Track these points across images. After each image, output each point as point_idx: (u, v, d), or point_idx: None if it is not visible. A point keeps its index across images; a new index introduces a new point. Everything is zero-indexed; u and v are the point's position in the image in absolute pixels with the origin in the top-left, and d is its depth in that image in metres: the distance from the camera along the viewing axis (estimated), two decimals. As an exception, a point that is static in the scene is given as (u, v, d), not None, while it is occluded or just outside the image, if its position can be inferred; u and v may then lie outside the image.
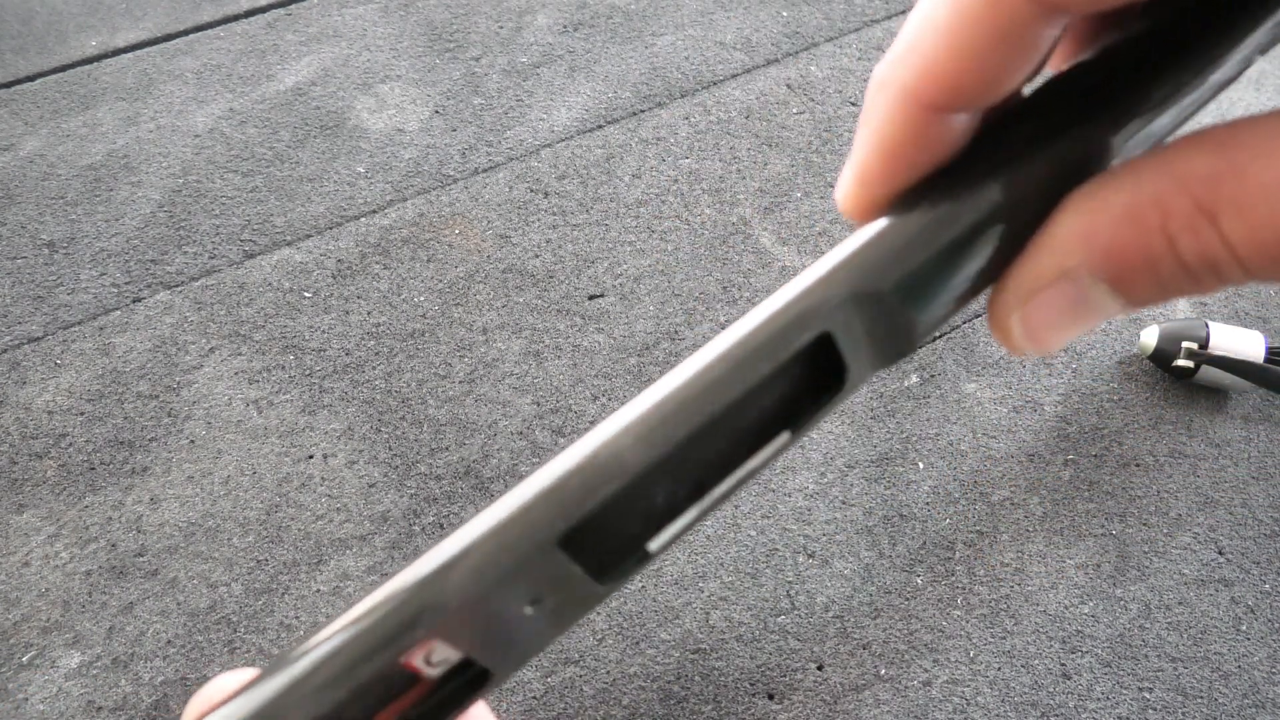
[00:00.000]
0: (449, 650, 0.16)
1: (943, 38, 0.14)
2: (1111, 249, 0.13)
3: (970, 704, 1.10)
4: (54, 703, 1.09)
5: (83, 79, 1.82)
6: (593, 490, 0.16)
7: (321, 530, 1.23)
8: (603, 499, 0.16)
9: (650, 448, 0.16)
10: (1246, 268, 0.12)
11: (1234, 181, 0.12)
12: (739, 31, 1.91)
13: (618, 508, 0.16)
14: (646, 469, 0.16)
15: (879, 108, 0.15)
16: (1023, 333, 0.15)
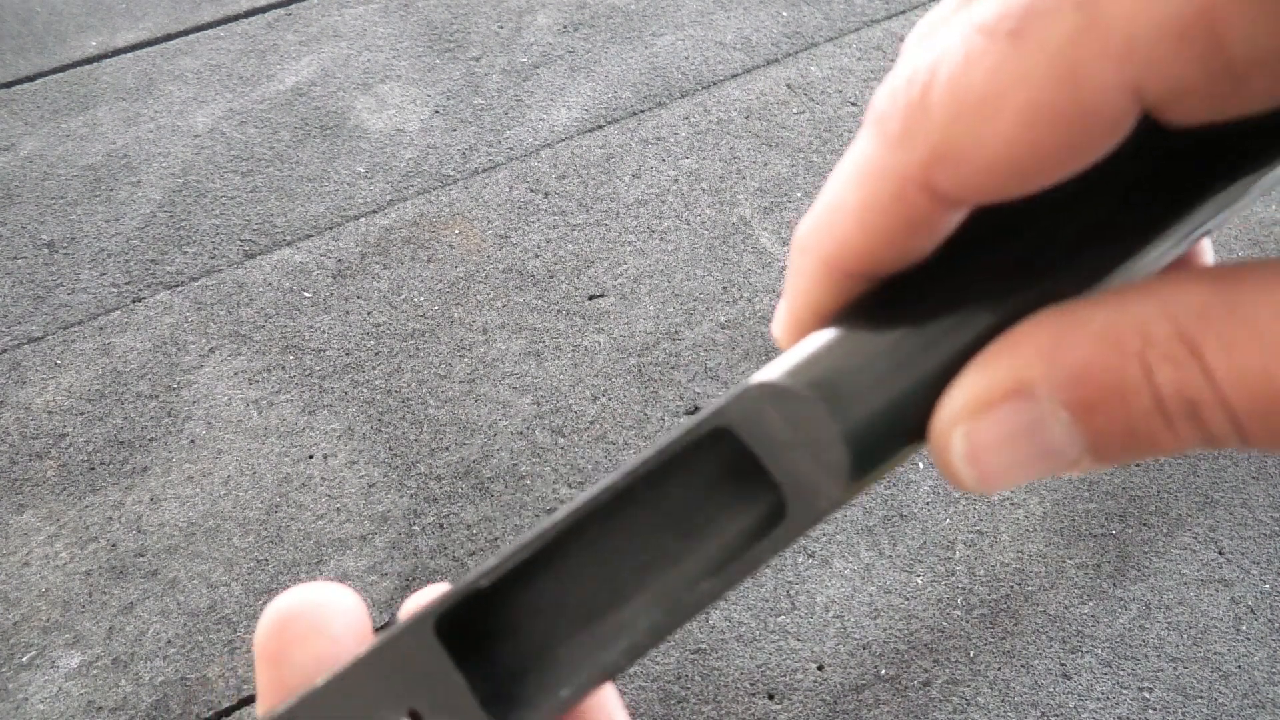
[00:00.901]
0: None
1: (853, 218, 0.14)
2: (1079, 368, 0.12)
3: (970, 704, 1.10)
4: (54, 703, 1.09)
5: (83, 79, 1.82)
6: (467, 579, 0.15)
7: (321, 530, 1.23)
8: (472, 584, 0.15)
9: (527, 541, 0.15)
10: (1230, 413, 0.11)
11: (1225, 316, 0.11)
12: (739, 31, 1.91)
13: (521, 629, 0.16)
14: (526, 558, 0.15)
15: (802, 271, 0.16)
16: (965, 453, 0.13)
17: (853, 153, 0.14)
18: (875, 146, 0.13)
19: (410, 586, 1.18)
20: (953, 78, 0.11)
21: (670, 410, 1.34)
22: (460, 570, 1.19)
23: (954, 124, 0.12)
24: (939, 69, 0.12)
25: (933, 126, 0.12)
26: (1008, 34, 0.11)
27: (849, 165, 0.14)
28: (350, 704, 0.15)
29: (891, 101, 0.13)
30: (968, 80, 0.11)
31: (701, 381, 1.36)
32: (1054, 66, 0.11)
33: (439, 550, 1.21)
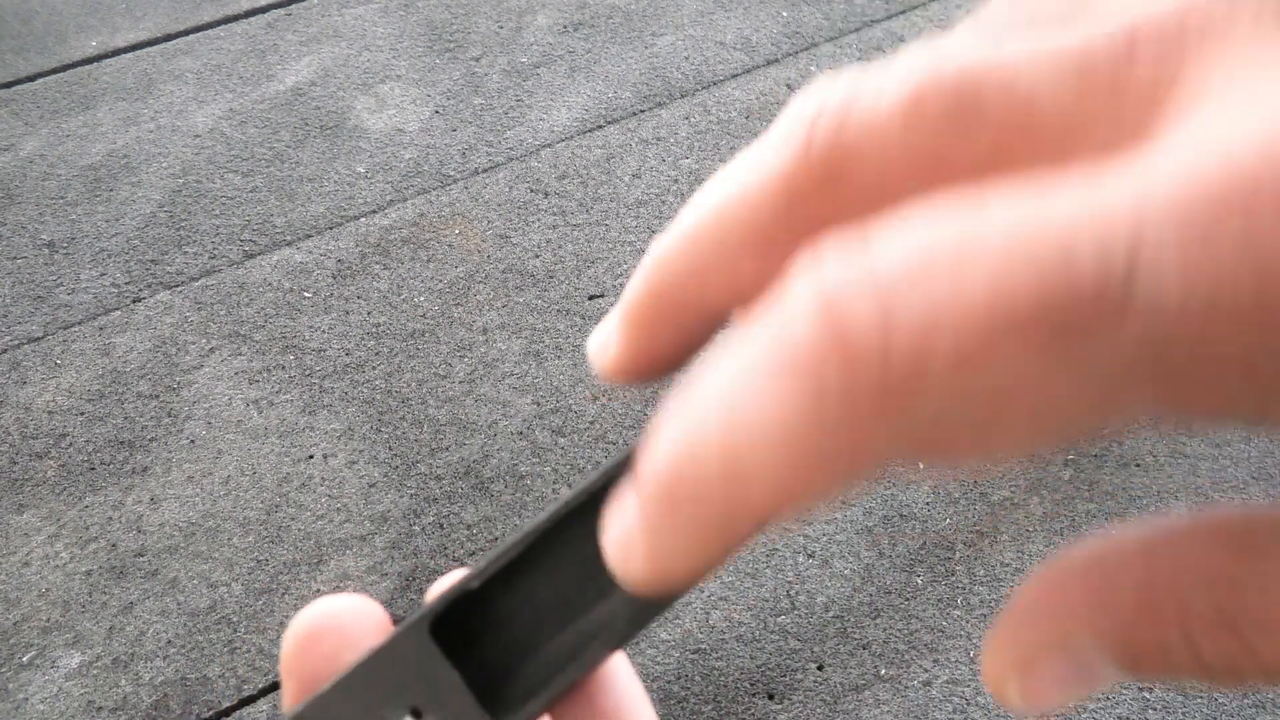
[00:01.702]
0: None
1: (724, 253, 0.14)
2: (1123, 629, 0.12)
3: (970, 704, 1.10)
4: (54, 703, 1.09)
5: (83, 79, 1.82)
6: (455, 584, 0.16)
7: (321, 530, 1.23)
8: (463, 586, 0.16)
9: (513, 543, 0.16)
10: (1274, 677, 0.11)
11: (1259, 594, 0.11)
12: (739, 31, 1.91)
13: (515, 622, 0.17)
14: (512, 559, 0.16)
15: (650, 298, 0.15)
16: (1023, 702, 0.13)
17: (749, 168, 0.13)
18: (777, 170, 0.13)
19: (410, 586, 1.18)
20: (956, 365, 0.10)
21: (670, 410, 1.34)
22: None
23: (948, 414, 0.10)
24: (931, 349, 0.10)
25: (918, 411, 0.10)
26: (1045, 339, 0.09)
27: (747, 175, 0.13)
28: (355, 705, 0.16)
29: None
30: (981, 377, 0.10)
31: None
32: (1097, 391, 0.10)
33: (439, 550, 1.21)
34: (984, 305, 0.09)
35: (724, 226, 0.13)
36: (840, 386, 0.10)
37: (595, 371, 0.16)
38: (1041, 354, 0.09)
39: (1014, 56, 0.11)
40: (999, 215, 0.10)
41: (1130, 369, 0.09)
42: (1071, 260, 0.09)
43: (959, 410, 0.10)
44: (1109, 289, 0.09)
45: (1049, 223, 0.09)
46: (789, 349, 0.10)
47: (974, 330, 0.09)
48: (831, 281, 0.10)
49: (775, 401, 0.10)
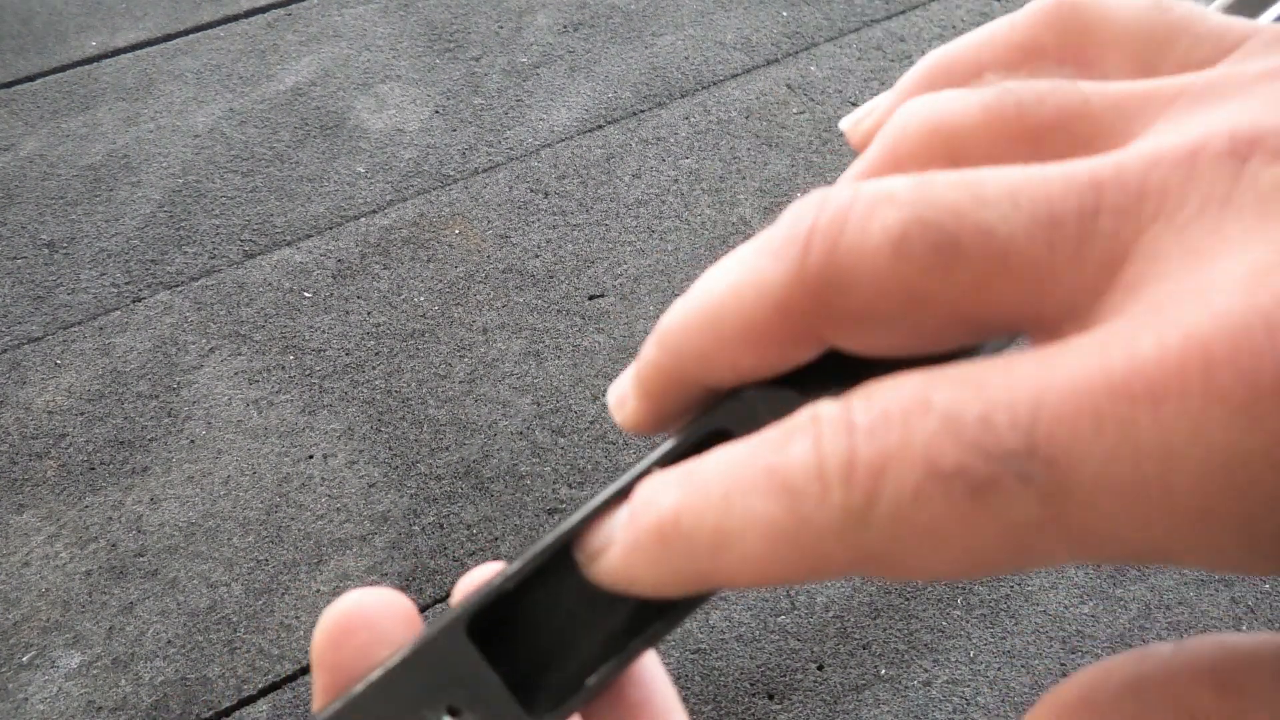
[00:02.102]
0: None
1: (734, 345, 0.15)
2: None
3: (970, 704, 1.10)
4: (54, 703, 1.09)
5: (83, 79, 1.82)
6: (490, 583, 0.16)
7: (321, 530, 1.23)
8: (499, 586, 0.16)
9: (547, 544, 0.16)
10: None
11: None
12: (739, 31, 1.91)
13: (547, 621, 0.17)
14: (546, 560, 0.16)
15: (661, 370, 0.17)
16: None
17: (750, 270, 0.14)
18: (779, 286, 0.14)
19: (410, 586, 1.18)
20: (898, 503, 0.12)
21: (670, 410, 1.34)
22: (460, 570, 1.19)
23: (893, 542, 0.12)
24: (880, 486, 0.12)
25: (870, 536, 0.12)
26: (964, 492, 0.11)
27: (746, 280, 0.14)
28: (393, 704, 0.16)
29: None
30: (915, 513, 0.11)
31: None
32: (1011, 540, 0.11)
33: (439, 550, 1.21)
34: (919, 459, 0.11)
35: (724, 324, 0.15)
36: (813, 508, 0.12)
37: (614, 419, 0.18)
38: (962, 504, 0.11)
39: (994, 199, 0.13)
40: (945, 384, 0.12)
41: (1038, 526, 0.11)
42: (985, 432, 0.11)
43: (900, 540, 0.12)
44: (1012, 459, 0.11)
45: (978, 395, 0.11)
46: (784, 466, 0.13)
47: (910, 478, 0.11)
48: (824, 422, 0.12)
49: (764, 504, 0.13)
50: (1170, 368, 0.10)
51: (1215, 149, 0.12)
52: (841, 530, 0.12)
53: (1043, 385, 0.11)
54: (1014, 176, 0.13)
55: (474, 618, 0.16)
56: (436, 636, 0.16)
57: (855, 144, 0.20)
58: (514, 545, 1.22)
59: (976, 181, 0.13)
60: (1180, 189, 0.12)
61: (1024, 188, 0.13)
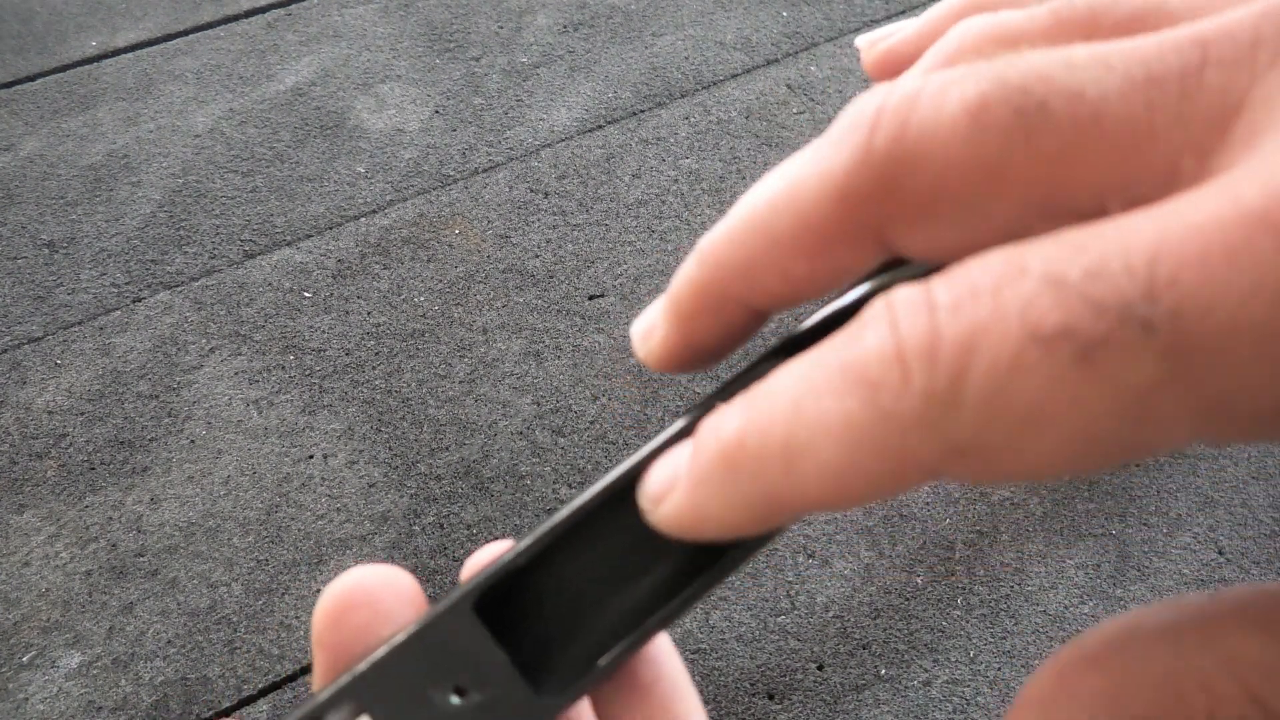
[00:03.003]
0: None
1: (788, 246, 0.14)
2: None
3: (970, 704, 1.10)
4: (54, 703, 1.09)
5: (83, 79, 1.82)
6: (499, 560, 0.16)
7: (321, 530, 1.23)
8: (509, 563, 0.16)
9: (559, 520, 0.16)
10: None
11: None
12: (739, 31, 1.91)
13: (556, 600, 0.16)
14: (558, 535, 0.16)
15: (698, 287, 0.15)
16: None
17: (808, 162, 0.13)
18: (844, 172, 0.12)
19: (410, 586, 1.18)
20: (993, 379, 0.10)
21: (670, 410, 1.34)
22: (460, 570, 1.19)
23: (988, 427, 0.10)
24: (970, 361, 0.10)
25: (961, 422, 0.10)
26: (1073, 357, 0.10)
27: (804, 172, 0.13)
28: (398, 683, 0.16)
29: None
30: (1013, 389, 0.10)
31: (701, 382, 1.36)
32: (1127, 410, 0.10)
33: (439, 550, 1.21)
34: (1016, 325, 0.10)
35: (778, 224, 0.13)
36: (892, 398, 0.11)
37: (637, 356, 0.16)
38: (1070, 372, 0.10)
39: (1083, 63, 0.11)
40: (1040, 248, 0.10)
41: (1158, 389, 0.10)
42: (1095, 283, 0.10)
43: (996, 424, 0.10)
44: (1130, 310, 0.10)
45: (1081, 251, 0.10)
46: (857, 358, 0.11)
47: (1006, 348, 0.10)
48: (899, 305, 0.11)
49: (839, 402, 0.11)
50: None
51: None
52: (927, 419, 0.10)
53: (1163, 228, 0.10)
54: (1105, 46, 0.12)
55: (482, 595, 0.16)
56: (443, 614, 0.16)
57: (869, 63, 0.19)
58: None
59: (1064, 51, 0.12)
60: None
61: (1117, 52, 0.11)
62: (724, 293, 0.14)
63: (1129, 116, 0.11)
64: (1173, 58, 0.11)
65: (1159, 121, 0.11)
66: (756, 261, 0.14)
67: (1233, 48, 0.11)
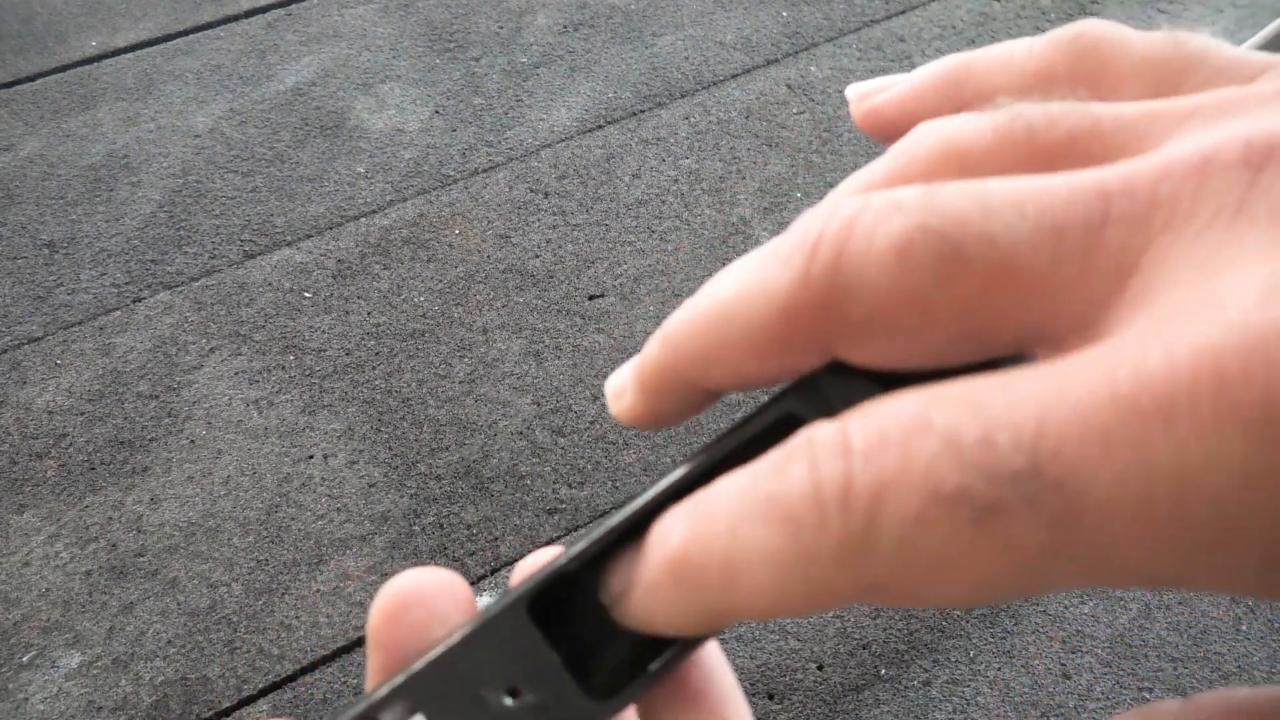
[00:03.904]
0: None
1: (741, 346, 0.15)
2: None
3: (970, 704, 1.10)
4: (54, 703, 1.09)
5: (83, 79, 1.82)
6: (554, 563, 0.16)
7: (321, 530, 1.23)
8: (561, 567, 0.16)
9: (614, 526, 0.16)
10: None
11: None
12: (739, 31, 1.91)
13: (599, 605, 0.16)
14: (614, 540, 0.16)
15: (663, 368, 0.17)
16: None
17: (757, 276, 0.14)
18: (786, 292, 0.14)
19: (410, 586, 1.18)
20: (901, 531, 0.11)
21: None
22: (460, 570, 1.19)
23: (898, 571, 0.11)
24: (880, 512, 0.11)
25: (874, 565, 0.11)
26: (969, 518, 0.11)
27: (753, 285, 0.14)
28: (453, 682, 0.16)
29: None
30: (918, 541, 0.11)
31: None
32: (1019, 566, 0.11)
33: (439, 550, 1.21)
34: (919, 483, 0.11)
35: (729, 328, 0.15)
36: (813, 537, 0.12)
37: (610, 410, 0.18)
38: (967, 530, 0.11)
39: (999, 207, 0.12)
40: (944, 402, 0.11)
41: (1045, 550, 0.11)
42: (987, 452, 0.11)
43: (905, 569, 0.11)
44: (1017, 481, 0.10)
45: (978, 412, 0.11)
46: (782, 493, 0.12)
47: (912, 503, 0.11)
48: (819, 445, 0.12)
49: (767, 534, 0.12)
50: (1180, 382, 0.10)
51: (1228, 158, 0.11)
52: (843, 559, 0.12)
53: (1046, 403, 0.11)
54: (1020, 186, 0.13)
55: (536, 598, 0.16)
56: (498, 615, 0.16)
57: (857, 116, 0.21)
58: (514, 545, 1.22)
59: (982, 191, 0.13)
60: (1191, 199, 0.11)
61: (1030, 197, 0.12)
62: (683, 376, 0.16)
63: (1038, 267, 0.12)
64: (1078, 209, 0.12)
65: (1064, 273, 0.12)
66: (711, 355, 0.15)
67: (1131, 207, 0.12)
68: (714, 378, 0.15)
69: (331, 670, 1.12)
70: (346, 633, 1.15)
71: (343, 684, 1.11)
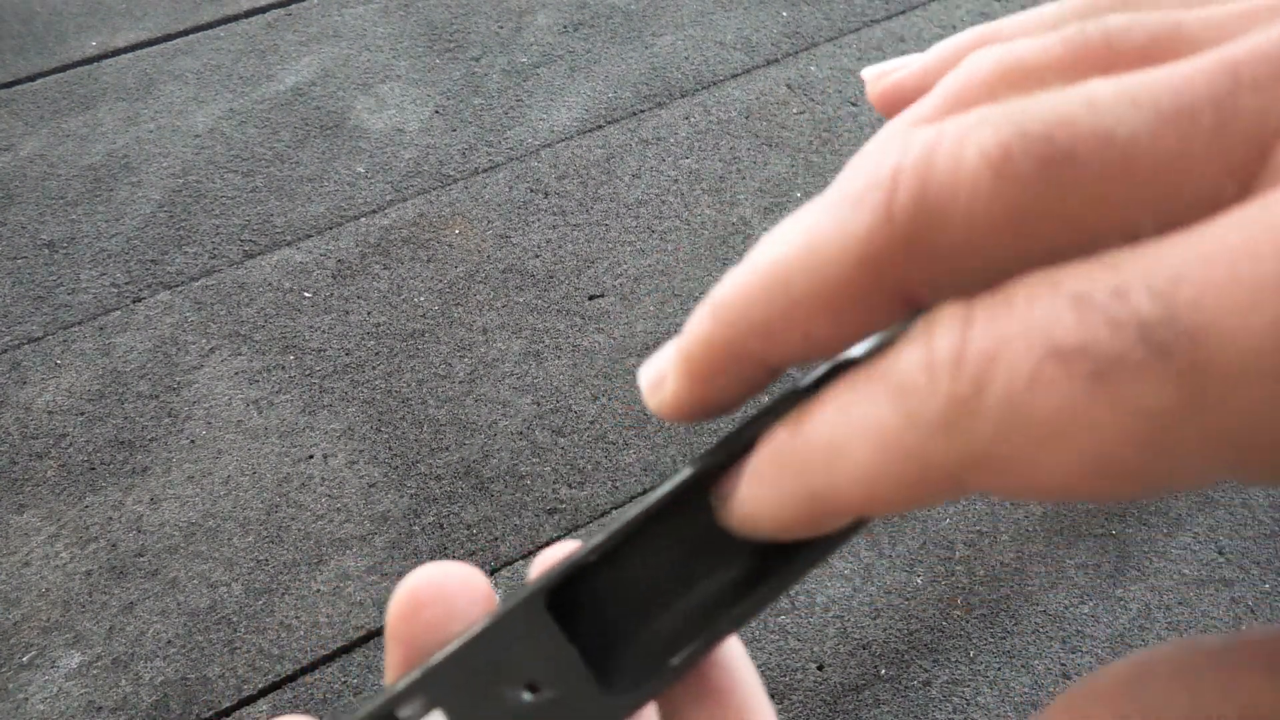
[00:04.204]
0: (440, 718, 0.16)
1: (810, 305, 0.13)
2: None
3: (970, 704, 1.10)
4: (54, 703, 1.09)
5: (83, 79, 1.82)
6: (571, 556, 0.16)
7: (321, 530, 1.23)
8: (580, 560, 0.16)
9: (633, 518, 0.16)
10: None
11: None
12: (739, 31, 1.91)
13: (622, 599, 0.16)
14: (632, 532, 0.16)
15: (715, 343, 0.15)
16: None
17: (826, 223, 0.13)
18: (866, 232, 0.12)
19: (410, 586, 1.18)
20: (1011, 391, 0.10)
21: (670, 410, 1.33)
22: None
23: (1005, 439, 0.10)
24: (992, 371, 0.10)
25: (979, 432, 0.10)
26: (1088, 375, 0.10)
27: (822, 234, 0.13)
28: (471, 676, 0.16)
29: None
30: (1029, 404, 0.10)
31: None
32: (1142, 435, 0.10)
33: (439, 550, 1.21)
34: (1038, 340, 0.10)
35: (797, 285, 0.13)
36: (919, 402, 0.11)
37: (646, 403, 0.16)
38: (1084, 391, 0.10)
39: (1107, 101, 0.11)
40: (1078, 267, 0.11)
41: (1174, 415, 0.10)
42: (1118, 303, 0.10)
43: (1012, 437, 0.10)
44: (1148, 330, 0.09)
45: (1113, 271, 0.10)
46: (895, 367, 0.12)
47: (1026, 361, 0.10)
48: (938, 319, 0.11)
49: (875, 407, 0.12)
50: None
51: None
52: (947, 424, 0.11)
53: (1193, 251, 0.10)
54: (1127, 80, 0.11)
55: (554, 592, 0.16)
56: (515, 609, 0.16)
57: (875, 96, 0.19)
58: (514, 545, 1.22)
59: (1085, 89, 0.11)
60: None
61: (1142, 86, 0.11)
62: (740, 351, 0.14)
63: (1162, 153, 0.11)
64: (1203, 86, 0.11)
65: (1195, 153, 0.11)
66: (775, 321, 0.13)
67: (1267, 68, 0.11)
68: (778, 349, 0.14)
69: (331, 670, 1.12)
70: (346, 633, 1.15)
71: (343, 684, 1.11)
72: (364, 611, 1.16)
